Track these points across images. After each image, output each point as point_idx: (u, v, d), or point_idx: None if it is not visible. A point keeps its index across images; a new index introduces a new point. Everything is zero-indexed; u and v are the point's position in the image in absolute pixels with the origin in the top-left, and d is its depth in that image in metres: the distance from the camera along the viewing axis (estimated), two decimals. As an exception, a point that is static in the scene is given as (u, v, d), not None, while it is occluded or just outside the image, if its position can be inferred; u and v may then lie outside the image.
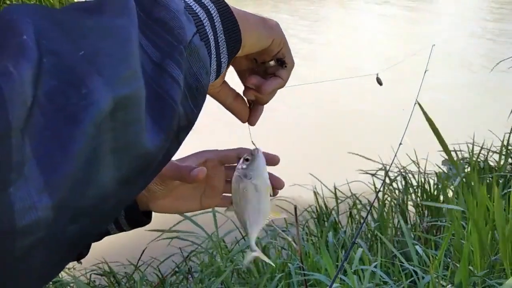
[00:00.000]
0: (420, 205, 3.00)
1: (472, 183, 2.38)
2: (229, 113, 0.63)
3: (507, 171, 3.03)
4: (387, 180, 3.14)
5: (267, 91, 0.58)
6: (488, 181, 2.91)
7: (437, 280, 1.86)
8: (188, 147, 0.60)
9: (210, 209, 2.18)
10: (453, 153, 3.37)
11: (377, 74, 1.34)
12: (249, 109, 0.63)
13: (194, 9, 0.46)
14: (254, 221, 0.68)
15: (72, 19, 0.36)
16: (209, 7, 0.47)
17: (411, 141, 2.64)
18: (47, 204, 0.30)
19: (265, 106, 0.62)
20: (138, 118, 0.36)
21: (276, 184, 0.70)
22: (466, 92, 9.19)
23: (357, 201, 3.04)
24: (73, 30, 0.34)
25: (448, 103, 8.56)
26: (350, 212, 2.99)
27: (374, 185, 3.07)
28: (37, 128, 0.31)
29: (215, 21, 0.47)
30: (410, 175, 3.24)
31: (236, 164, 0.68)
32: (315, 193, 3.12)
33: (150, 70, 0.38)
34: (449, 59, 11.13)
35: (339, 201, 3.09)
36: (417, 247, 2.16)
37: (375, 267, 2.04)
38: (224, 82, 0.59)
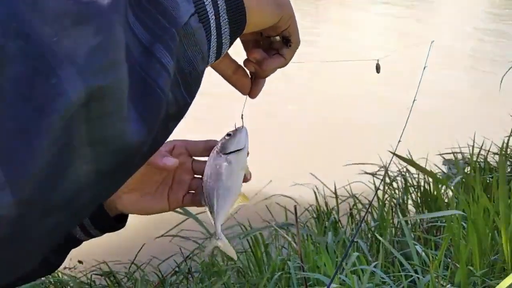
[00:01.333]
0: (420, 205, 3.01)
1: (472, 183, 2.38)
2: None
3: (507, 173, 3.03)
4: (387, 180, 3.14)
5: (268, 68, 0.56)
6: (488, 181, 2.91)
7: (436, 280, 1.87)
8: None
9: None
10: (453, 154, 3.37)
11: (378, 60, 1.34)
12: (250, 81, 0.59)
13: None
14: (223, 202, 0.63)
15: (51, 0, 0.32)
16: None
17: (411, 141, 2.64)
18: (8, 201, 0.28)
19: (267, 104, 0.62)
20: (116, 110, 0.34)
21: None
22: (466, 92, 9.18)
23: (357, 201, 3.04)
24: (49, 12, 0.31)
25: (448, 103, 8.55)
26: (351, 213, 2.99)
27: (374, 184, 3.07)
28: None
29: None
30: (410, 175, 3.24)
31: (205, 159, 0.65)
32: (315, 193, 3.12)
33: (137, 54, 0.36)
34: (449, 59, 11.12)
35: (339, 200, 3.09)
36: (417, 247, 2.16)
37: (374, 267, 2.04)
38: (225, 54, 0.54)
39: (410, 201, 3.08)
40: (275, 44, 0.56)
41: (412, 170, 3.29)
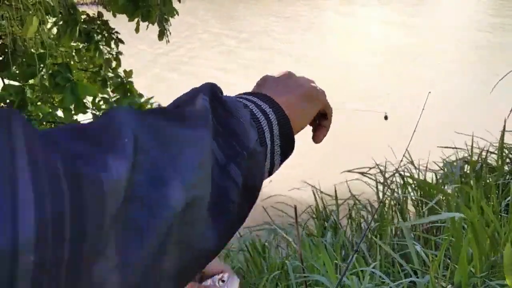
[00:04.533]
0: (419, 205, 3.00)
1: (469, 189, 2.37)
2: None
3: (505, 172, 3.03)
4: (387, 181, 3.13)
5: (318, 140, 0.67)
6: (488, 181, 2.91)
7: (436, 281, 1.86)
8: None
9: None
10: (452, 154, 3.37)
11: (385, 113, 1.37)
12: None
13: (258, 117, 0.51)
14: None
15: (162, 126, 0.41)
16: (270, 116, 0.52)
17: (411, 140, 2.64)
18: (117, 281, 0.35)
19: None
20: (202, 218, 0.41)
21: None
22: (466, 91, 9.19)
23: (357, 202, 3.04)
24: (161, 136, 0.40)
25: (447, 102, 8.56)
26: (350, 214, 2.98)
27: (377, 184, 3.07)
28: (119, 223, 0.35)
29: (273, 128, 0.52)
30: (409, 174, 3.24)
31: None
32: (315, 194, 3.12)
33: (216, 172, 0.43)
34: (449, 62, 11.14)
35: (339, 201, 3.09)
36: (417, 247, 2.16)
37: (374, 267, 2.03)
38: None
39: (409, 201, 3.07)
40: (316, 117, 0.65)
41: (413, 170, 3.29)
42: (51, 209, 0.30)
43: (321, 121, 0.66)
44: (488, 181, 2.91)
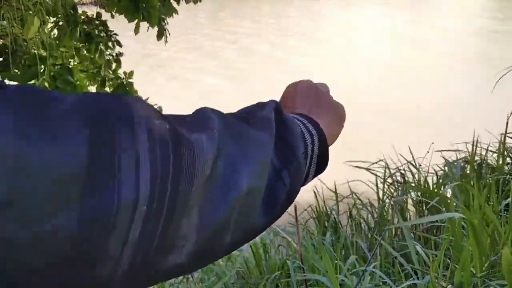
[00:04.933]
0: (420, 204, 3.01)
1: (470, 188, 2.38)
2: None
3: (505, 172, 3.03)
4: (387, 179, 3.14)
5: None
6: (488, 181, 2.91)
7: (436, 281, 1.87)
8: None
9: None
10: (453, 153, 3.37)
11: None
12: None
13: (305, 134, 0.61)
14: None
15: (238, 126, 0.52)
16: (314, 136, 0.62)
17: (410, 140, 2.64)
18: (194, 239, 0.44)
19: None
20: (257, 204, 0.50)
21: None
22: (466, 90, 9.18)
23: (358, 201, 3.04)
24: (237, 134, 0.50)
25: (447, 102, 8.55)
26: (350, 213, 2.99)
27: (377, 183, 3.07)
28: (203, 193, 0.44)
29: (314, 146, 0.62)
30: (410, 174, 3.24)
31: None
32: (315, 193, 3.13)
33: (271, 173, 0.53)
34: (450, 59, 11.12)
35: (339, 200, 3.09)
36: (417, 247, 2.16)
37: (374, 267, 2.04)
38: None
39: (409, 200, 3.08)
40: None
41: (412, 169, 3.30)
42: (160, 171, 0.40)
43: None
44: (488, 180, 2.91)
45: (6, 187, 0.33)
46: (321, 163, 0.64)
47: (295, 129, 0.59)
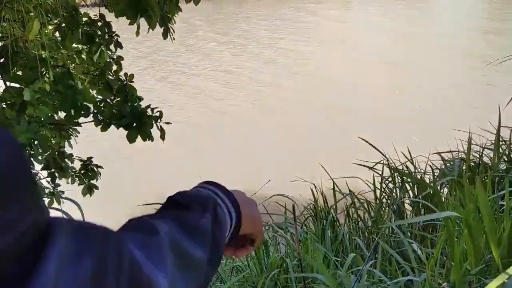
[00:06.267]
0: (416, 203, 3.04)
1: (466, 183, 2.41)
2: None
3: (500, 171, 3.07)
4: (384, 179, 3.17)
5: (239, 256, 0.88)
6: (483, 179, 2.94)
7: (432, 278, 1.90)
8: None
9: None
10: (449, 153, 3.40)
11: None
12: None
13: (226, 218, 0.72)
14: None
15: (179, 246, 0.60)
16: (233, 219, 0.74)
17: (410, 140, 2.67)
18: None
19: (265, 103, 0.72)
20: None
21: None
22: (466, 90, 9.21)
23: (355, 199, 3.07)
24: (182, 257, 0.59)
25: (446, 101, 8.58)
26: (348, 211, 3.02)
27: (374, 182, 3.10)
28: None
29: (232, 226, 0.74)
30: (407, 172, 3.27)
31: None
32: (313, 192, 3.16)
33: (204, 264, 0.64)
34: (450, 59, 11.12)
35: (337, 198, 3.12)
36: (413, 245, 2.19)
37: (371, 266, 2.07)
38: None
39: (407, 199, 3.11)
40: (245, 241, 0.85)
41: (411, 168, 3.33)
42: None
43: (248, 245, 0.86)
44: (484, 178, 2.94)
45: None
46: (233, 237, 0.76)
47: (223, 227, 0.70)
